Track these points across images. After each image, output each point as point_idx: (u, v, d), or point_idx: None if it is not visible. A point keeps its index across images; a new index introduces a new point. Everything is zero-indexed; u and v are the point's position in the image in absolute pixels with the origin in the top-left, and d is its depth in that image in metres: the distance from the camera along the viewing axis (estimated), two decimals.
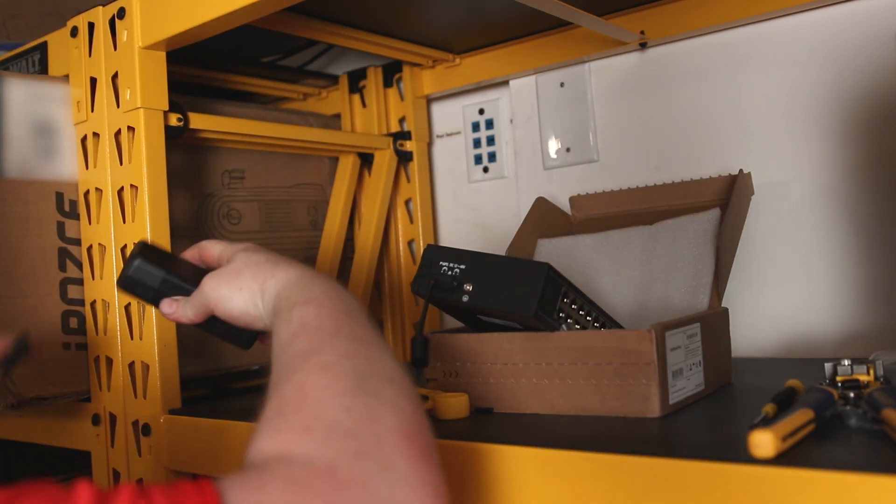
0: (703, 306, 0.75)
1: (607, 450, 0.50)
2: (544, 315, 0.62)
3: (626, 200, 0.94)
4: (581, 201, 0.97)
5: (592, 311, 0.66)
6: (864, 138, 0.87)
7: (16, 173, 0.82)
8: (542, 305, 0.61)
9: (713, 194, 0.87)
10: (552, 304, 0.62)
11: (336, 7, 0.92)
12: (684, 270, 0.78)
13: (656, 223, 0.83)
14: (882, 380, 0.57)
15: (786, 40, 0.91)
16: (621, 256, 0.83)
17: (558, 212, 0.95)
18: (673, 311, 0.76)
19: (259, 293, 0.57)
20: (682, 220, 0.81)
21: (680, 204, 0.89)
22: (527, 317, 0.61)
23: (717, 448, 0.50)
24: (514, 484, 0.53)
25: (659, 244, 0.81)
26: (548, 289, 0.62)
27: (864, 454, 0.46)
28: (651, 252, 0.81)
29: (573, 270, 0.84)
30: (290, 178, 1.07)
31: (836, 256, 0.88)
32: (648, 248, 0.82)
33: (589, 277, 0.83)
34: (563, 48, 1.03)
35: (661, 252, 0.80)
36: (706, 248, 0.77)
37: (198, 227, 0.95)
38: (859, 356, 0.64)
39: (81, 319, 0.85)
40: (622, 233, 0.85)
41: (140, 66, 0.79)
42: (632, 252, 0.82)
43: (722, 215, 0.78)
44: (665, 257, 0.80)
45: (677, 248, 0.79)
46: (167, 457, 0.76)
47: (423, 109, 1.18)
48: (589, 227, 0.94)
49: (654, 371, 0.59)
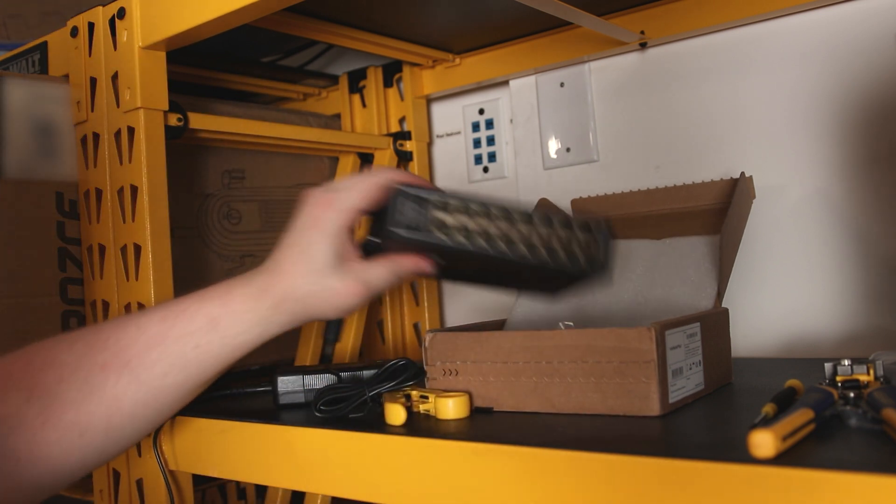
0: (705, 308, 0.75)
1: (607, 450, 0.50)
2: (399, 231, 0.59)
3: (627, 203, 0.94)
4: (583, 204, 0.97)
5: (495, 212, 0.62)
6: (865, 138, 0.87)
7: (16, 173, 0.82)
8: (398, 223, 0.59)
9: (715, 197, 0.87)
10: (416, 220, 0.60)
11: (336, 7, 0.92)
12: (688, 281, 0.78)
13: (663, 239, 0.83)
14: (882, 380, 0.57)
15: (786, 40, 0.91)
16: (624, 263, 0.83)
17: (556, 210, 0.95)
18: (673, 312, 0.76)
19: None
20: (690, 240, 0.81)
21: (682, 207, 0.89)
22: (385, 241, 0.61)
23: (716, 448, 0.50)
24: (515, 484, 0.53)
25: (664, 258, 0.81)
26: (400, 207, 0.60)
27: (864, 454, 0.46)
28: (655, 262, 0.81)
29: None
30: (290, 178, 1.07)
31: (837, 256, 0.88)
32: (653, 259, 0.82)
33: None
34: (563, 48, 1.03)
35: (665, 263, 0.81)
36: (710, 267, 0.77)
37: (198, 227, 0.95)
38: (859, 356, 0.64)
39: (81, 319, 0.85)
40: (627, 243, 0.85)
41: (140, 66, 0.79)
42: (636, 260, 0.83)
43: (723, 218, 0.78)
44: (669, 267, 0.80)
45: (683, 262, 0.79)
46: (167, 457, 0.76)
47: (423, 109, 1.18)
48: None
49: (654, 369, 0.59)
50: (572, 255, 0.61)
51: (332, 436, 0.63)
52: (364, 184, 0.62)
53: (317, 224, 0.62)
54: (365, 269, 0.63)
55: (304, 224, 0.63)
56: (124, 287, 0.80)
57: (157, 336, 0.62)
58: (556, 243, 0.61)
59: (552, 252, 0.61)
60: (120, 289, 0.80)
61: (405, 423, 0.63)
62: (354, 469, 0.61)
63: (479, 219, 0.60)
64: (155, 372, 0.62)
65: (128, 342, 0.62)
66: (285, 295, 0.63)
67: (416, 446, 0.58)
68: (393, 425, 0.63)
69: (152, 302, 0.77)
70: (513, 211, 0.61)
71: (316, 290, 0.62)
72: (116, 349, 0.62)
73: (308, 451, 0.64)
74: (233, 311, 0.63)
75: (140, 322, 0.63)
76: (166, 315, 0.63)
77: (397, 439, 0.59)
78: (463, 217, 0.60)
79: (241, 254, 1.00)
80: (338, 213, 0.62)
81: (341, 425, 0.64)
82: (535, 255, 0.60)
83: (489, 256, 0.60)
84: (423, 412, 0.66)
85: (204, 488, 0.98)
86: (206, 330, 0.63)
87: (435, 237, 0.60)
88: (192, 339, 0.62)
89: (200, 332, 0.63)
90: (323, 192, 0.63)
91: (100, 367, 0.61)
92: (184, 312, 0.63)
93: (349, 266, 0.63)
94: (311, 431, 0.64)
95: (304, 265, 0.62)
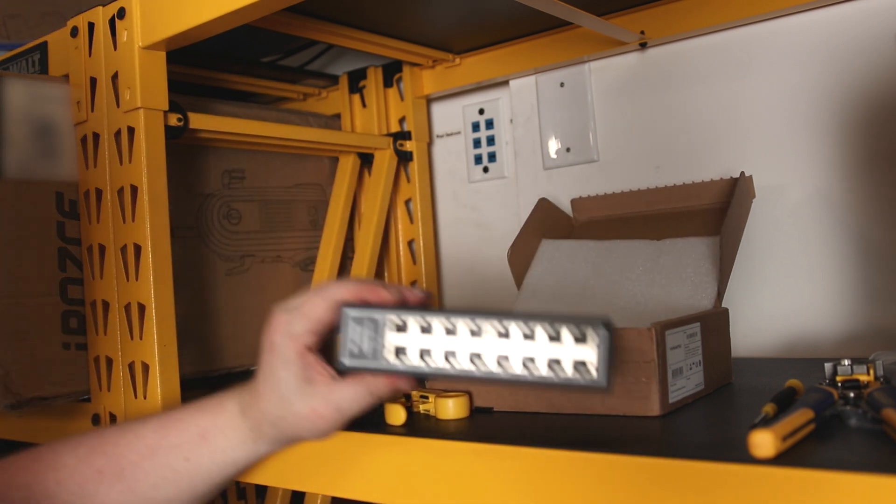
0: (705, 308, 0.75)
1: (607, 450, 0.50)
2: (347, 362, 0.55)
3: (627, 203, 0.94)
4: (583, 203, 0.97)
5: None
6: (865, 138, 0.87)
7: (16, 173, 0.82)
8: (349, 352, 0.55)
9: (714, 197, 0.87)
10: (369, 346, 0.55)
11: (336, 7, 0.92)
12: (688, 281, 0.78)
13: (663, 239, 0.83)
14: (882, 380, 0.57)
15: (786, 40, 0.91)
16: (624, 264, 0.83)
17: (560, 214, 0.95)
18: (673, 312, 0.76)
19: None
20: (690, 241, 0.81)
21: (682, 206, 0.89)
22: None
23: (716, 448, 0.50)
24: (515, 484, 0.53)
25: (664, 258, 0.81)
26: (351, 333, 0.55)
27: (864, 454, 0.46)
28: (655, 262, 0.81)
29: (574, 272, 0.84)
30: (290, 178, 1.07)
31: (836, 256, 0.88)
32: (653, 259, 0.82)
33: (588, 279, 0.83)
34: (563, 48, 1.03)
35: (665, 264, 0.81)
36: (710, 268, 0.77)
37: (198, 227, 0.95)
38: (859, 356, 0.64)
39: (81, 319, 0.84)
40: (628, 243, 0.85)
41: (140, 66, 0.79)
42: (636, 261, 0.82)
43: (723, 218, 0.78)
44: (668, 268, 0.80)
45: (682, 262, 0.79)
46: None
47: (423, 109, 1.18)
48: (591, 229, 0.94)
49: (654, 369, 0.59)
50: (557, 367, 0.51)
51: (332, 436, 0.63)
52: (311, 305, 0.58)
53: (273, 350, 0.59)
54: (335, 391, 0.58)
55: (264, 348, 0.60)
56: (124, 287, 0.80)
57: (152, 445, 0.62)
58: (539, 356, 0.51)
59: (530, 366, 0.51)
60: (120, 289, 0.80)
61: (405, 423, 0.63)
62: (354, 469, 0.61)
63: (441, 337, 0.53)
64: (147, 482, 0.62)
65: (124, 449, 0.62)
66: (261, 418, 0.61)
67: (416, 446, 0.58)
68: (393, 425, 0.63)
69: (152, 302, 0.77)
70: (484, 324, 0.52)
71: (284, 415, 0.59)
72: (114, 455, 0.62)
73: (308, 451, 0.64)
74: (220, 427, 0.62)
75: (138, 429, 0.63)
76: (164, 424, 0.63)
77: (397, 439, 0.59)
78: (423, 336, 0.54)
79: (241, 254, 1.00)
80: (290, 338, 0.58)
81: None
82: (506, 371, 0.52)
83: (450, 375, 0.54)
84: (423, 412, 0.66)
85: None
86: (196, 443, 0.62)
87: (388, 364, 0.54)
88: (182, 452, 0.62)
89: (190, 444, 0.62)
90: (278, 314, 0.59)
91: (96, 473, 0.62)
92: (178, 423, 0.63)
93: (316, 389, 0.58)
94: None
95: (272, 391, 0.59)
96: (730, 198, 0.83)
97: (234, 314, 0.97)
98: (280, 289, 1.04)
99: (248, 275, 1.00)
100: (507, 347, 0.52)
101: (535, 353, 0.51)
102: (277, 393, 0.59)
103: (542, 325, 0.51)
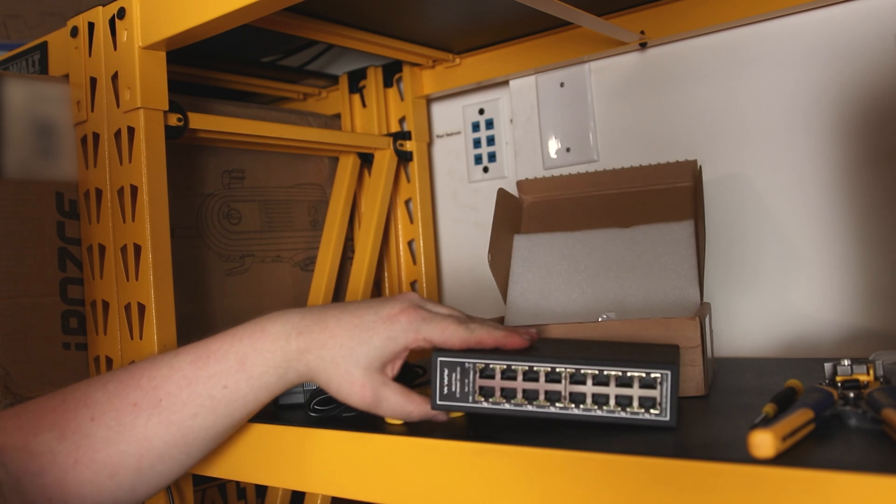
0: (695, 299, 0.76)
1: (607, 450, 0.50)
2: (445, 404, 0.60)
3: (572, 185, 0.94)
4: (528, 185, 0.96)
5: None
6: (865, 138, 0.87)
7: (16, 173, 0.82)
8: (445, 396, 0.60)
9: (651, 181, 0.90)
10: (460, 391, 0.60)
11: (336, 7, 0.92)
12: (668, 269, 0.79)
13: (632, 226, 0.84)
14: (882, 380, 0.57)
15: (786, 40, 0.91)
16: (601, 255, 0.84)
17: (514, 199, 0.94)
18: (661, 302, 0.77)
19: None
20: (659, 227, 0.83)
21: (624, 189, 0.91)
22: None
23: (716, 448, 0.50)
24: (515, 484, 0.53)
25: (636, 247, 0.82)
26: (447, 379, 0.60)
27: (864, 454, 0.46)
28: (628, 251, 0.83)
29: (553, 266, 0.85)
30: (290, 178, 1.07)
31: (837, 256, 0.88)
32: (626, 248, 0.83)
33: (571, 273, 0.84)
34: (563, 48, 1.03)
35: (640, 252, 0.82)
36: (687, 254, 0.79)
37: (198, 227, 0.95)
38: (859, 356, 0.64)
39: (81, 319, 0.85)
40: (597, 233, 0.86)
41: (140, 66, 0.79)
42: (612, 250, 0.84)
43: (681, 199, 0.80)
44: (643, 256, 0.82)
45: (657, 250, 0.81)
46: None
47: (423, 109, 1.18)
48: (535, 209, 0.94)
49: (700, 354, 0.65)
50: (627, 405, 0.57)
51: (333, 436, 0.63)
52: (450, 335, 0.60)
53: (392, 324, 0.61)
54: (386, 386, 0.61)
55: (382, 314, 0.61)
56: (124, 287, 0.80)
57: (189, 377, 0.62)
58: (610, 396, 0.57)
59: (602, 404, 0.57)
60: (120, 289, 0.80)
61: (405, 423, 0.63)
62: (354, 469, 0.61)
63: (522, 381, 0.59)
64: (185, 412, 0.62)
65: (159, 381, 0.62)
66: (313, 345, 0.61)
67: (416, 446, 0.58)
68: (393, 425, 0.63)
69: (152, 302, 0.77)
70: (561, 370, 0.58)
71: (338, 362, 0.61)
72: (148, 388, 0.62)
73: (308, 451, 0.64)
74: (259, 350, 0.62)
75: (173, 361, 0.63)
76: (199, 355, 0.63)
77: (397, 439, 0.59)
78: (505, 381, 0.59)
79: (241, 254, 1.00)
80: (414, 334, 0.61)
81: (341, 425, 0.64)
82: (580, 409, 0.58)
83: (529, 414, 0.59)
84: None
85: (204, 488, 0.98)
86: (235, 370, 0.62)
87: (474, 405, 0.60)
88: (220, 380, 0.62)
89: (229, 371, 0.62)
90: (421, 305, 0.63)
91: (131, 406, 0.61)
92: (216, 352, 0.63)
93: (378, 376, 0.61)
94: (311, 431, 0.64)
95: (348, 338, 0.61)
96: (665, 182, 0.87)
97: (234, 314, 0.97)
98: (280, 289, 1.04)
99: (248, 275, 1.00)
100: (580, 388, 0.57)
101: (607, 392, 0.57)
102: (352, 344, 0.61)
103: (614, 371, 0.57)
